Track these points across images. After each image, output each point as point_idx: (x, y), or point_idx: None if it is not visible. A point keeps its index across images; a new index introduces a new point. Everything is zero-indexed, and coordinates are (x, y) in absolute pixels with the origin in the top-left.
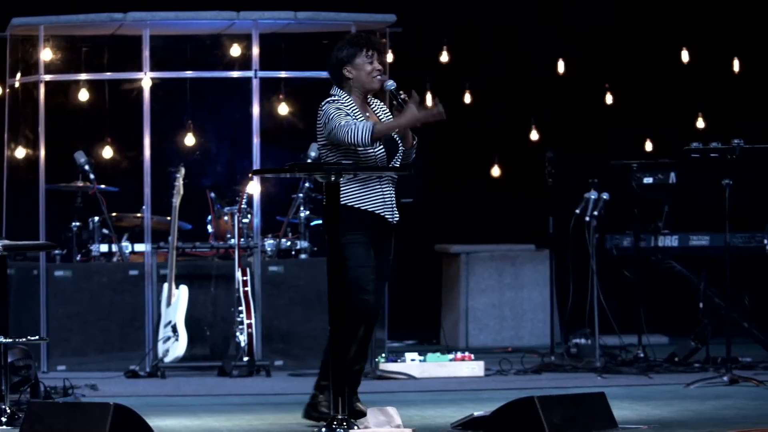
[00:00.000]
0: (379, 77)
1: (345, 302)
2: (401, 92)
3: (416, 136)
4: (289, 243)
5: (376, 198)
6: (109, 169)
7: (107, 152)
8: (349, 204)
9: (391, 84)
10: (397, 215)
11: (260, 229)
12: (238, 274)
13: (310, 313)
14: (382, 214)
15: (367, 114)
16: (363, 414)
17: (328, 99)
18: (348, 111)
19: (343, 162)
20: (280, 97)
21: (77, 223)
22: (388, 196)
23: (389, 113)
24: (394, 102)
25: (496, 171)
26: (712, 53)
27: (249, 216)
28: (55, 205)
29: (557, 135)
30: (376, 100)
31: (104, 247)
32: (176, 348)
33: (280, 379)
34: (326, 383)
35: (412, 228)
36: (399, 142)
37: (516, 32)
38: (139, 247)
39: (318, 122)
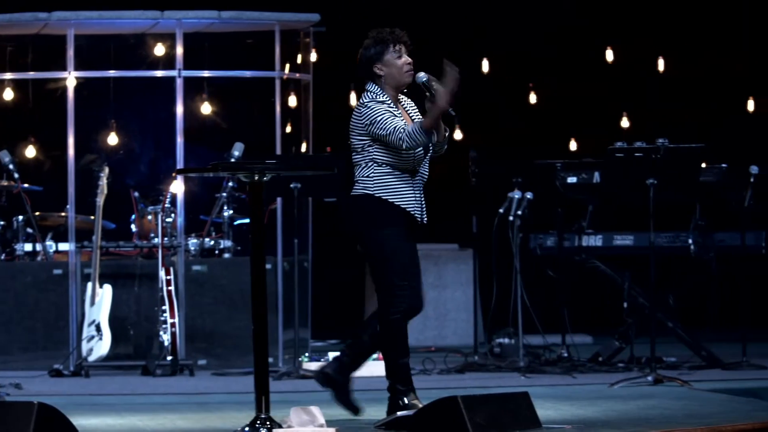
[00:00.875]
0: (410, 71)
1: (266, 301)
2: (432, 82)
3: (448, 128)
4: (212, 242)
5: (408, 195)
6: (33, 168)
7: (31, 151)
8: (384, 197)
9: (422, 76)
10: (426, 216)
11: (184, 229)
12: (162, 273)
13: (233, 312)
14: (413, 212)
15: (399, 111)
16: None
17: (366, 94)
18: (390, 108)
19: (378, 158)
20: (204, 96)
21: (1, 222)
22: (419, 194)
23: (417, 109)
24: (427, 93)
25: None
26: (637, 53)
27: (173, 215)
28: None
29: (481, 134)
30: (403, 97)
31: (28, 247)
32: (100, 347)
33: (204, 378)
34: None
35: (336, 227)
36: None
37: (439, 32)
38: (63, 247)
39: (357, 117)
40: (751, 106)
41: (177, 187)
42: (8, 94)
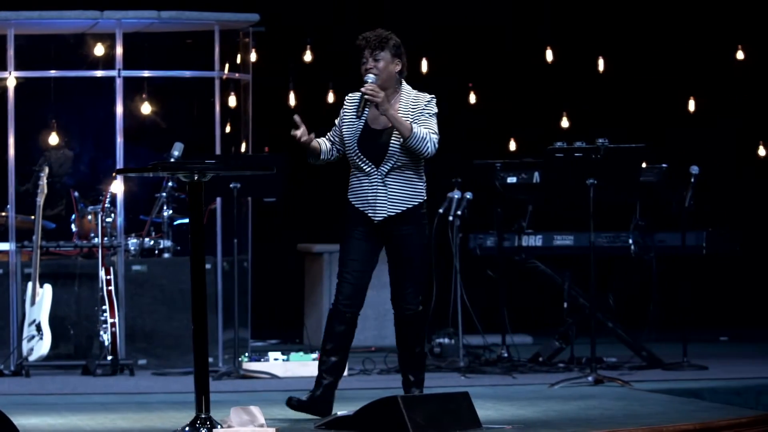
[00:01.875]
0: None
1: (205, 301)
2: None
3: (414, 127)
4: (152, 242)
5: (359, 194)
6: None
7: None
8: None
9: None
10: (382, 215)
11: (124, 228)
12: (102, 273)
13: (173, 312)
14: (364, 210)
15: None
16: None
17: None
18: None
19: None
20: (144, 96)
21: None
22: (373, 193)
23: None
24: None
25: None
26: (577, 52)
27: (112, 215)
28: None
29: None
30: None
31: None
32: (40, 347)
33: (144, 378)
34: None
35: (274, 227)
36: (392, 140)
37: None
38: (3, 246)
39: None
40: (692, 106)
41: (117, 186)
42: None
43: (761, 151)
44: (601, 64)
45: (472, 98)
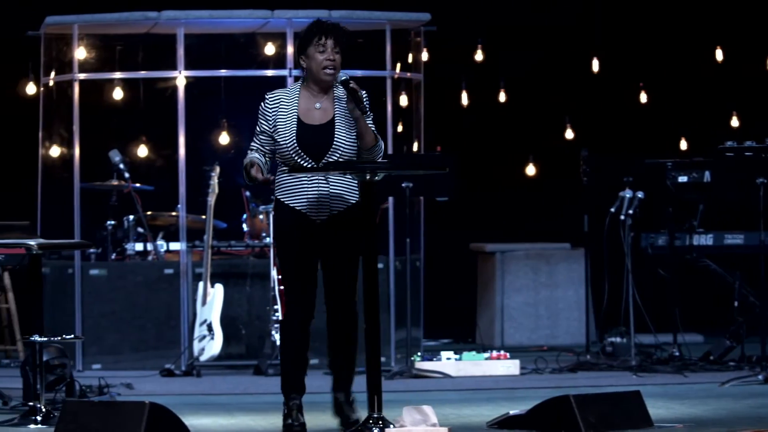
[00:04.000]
0: (328, 68)
1: (378, 300)
2: (351, 81)
3: (379, 137)
4: None
5: (300, 194)
6: (143, 167)
7: (142, 151)
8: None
9: (341, 76)
10: (325, 215)
11: None
12: (274, 272)
13: None
14: (306, 212)
15: (318, 105)
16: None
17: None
18: (266, 109)
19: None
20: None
21: (112, 222)
22: (316, 193)
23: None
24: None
25: (530, 169)
26: (747, 52)
27: None
28: (89, 203)
29: (592, 133)
30: (341, 92)
31: (139, 246)
32: (211, 347)
33: (315, 378)
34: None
35: (446, 226)
36: (335, 137)
37: (550, 31)
38: (174, 246)
39: None
40: None
41: None
42: (118, 94)
43: None
44: None
45: (643, 98)
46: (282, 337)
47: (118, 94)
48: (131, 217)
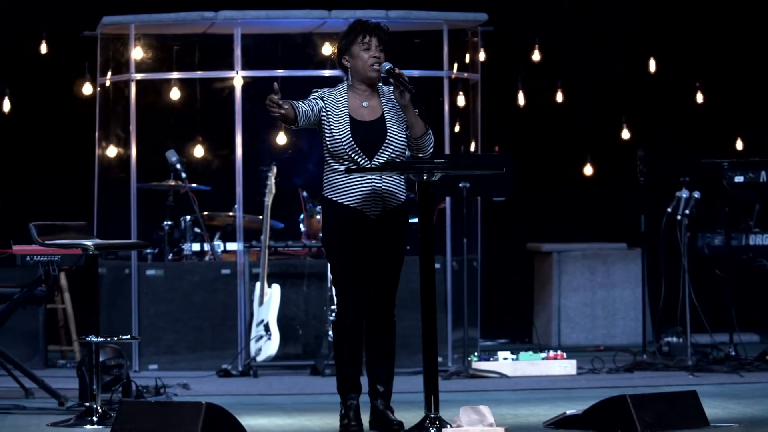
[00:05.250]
0: (374, 64)
1: (435, 301)
2: (395, 69)
3: (428, 126)
4: None
5: (354, 191)
6: (200, 167)
7: (199, 151)
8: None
9: (386, 65)
10: (379, 209)
11: None
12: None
13: (403, 312)
14: (360, 208)
15: (366, 104)
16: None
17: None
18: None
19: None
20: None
21: (169, 222)
22: (370, 188)
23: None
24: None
25: (588, 169)
26: None
27: None
28: (146, 204)
29: (648, 133)
30: (388, 89)
31: (196, 246)
32: (269, 347)
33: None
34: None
35: (503, 226)
36: (388, 132)
37: (607, 30)
38: (231, 246)
39: None
40: None
41: None
42: (175, 94)
43: None
44: None
45: (700, 98)
46: (335, 337)
47: (175, 94)
48: (188, 217)
